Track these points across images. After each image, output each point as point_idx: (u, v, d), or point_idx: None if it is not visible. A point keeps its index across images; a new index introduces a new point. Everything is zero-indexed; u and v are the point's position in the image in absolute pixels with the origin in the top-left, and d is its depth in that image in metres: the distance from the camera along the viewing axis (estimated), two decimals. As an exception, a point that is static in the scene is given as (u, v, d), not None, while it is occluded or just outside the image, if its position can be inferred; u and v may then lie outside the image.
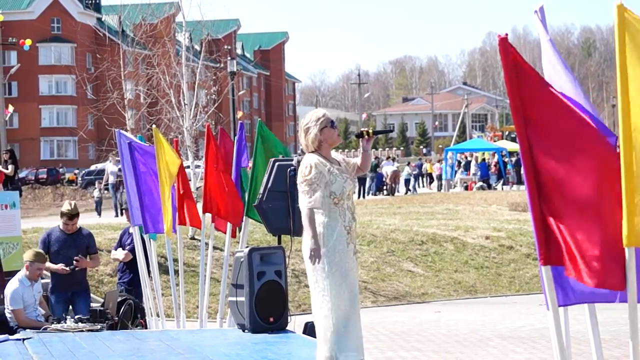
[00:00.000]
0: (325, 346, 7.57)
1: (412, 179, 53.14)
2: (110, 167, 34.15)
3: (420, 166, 59.77)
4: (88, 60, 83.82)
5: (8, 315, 11.70)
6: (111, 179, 33.15)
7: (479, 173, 52.03)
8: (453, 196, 43.15)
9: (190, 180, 19.01)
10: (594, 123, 5.43)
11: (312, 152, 7.67)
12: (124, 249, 13.70)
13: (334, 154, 7.83)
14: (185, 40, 27.51)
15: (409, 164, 59.45)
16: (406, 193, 50.79)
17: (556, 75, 5.75)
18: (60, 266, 12.49)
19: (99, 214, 36.76)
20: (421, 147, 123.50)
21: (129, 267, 13.55)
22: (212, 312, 15.91)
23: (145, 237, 12.75)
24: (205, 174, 12.06)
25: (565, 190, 5.31)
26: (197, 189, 22.30)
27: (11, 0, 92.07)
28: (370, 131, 7.78)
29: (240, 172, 12.18)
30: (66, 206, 12.86)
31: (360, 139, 7.77)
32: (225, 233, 12.35)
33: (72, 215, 12.70)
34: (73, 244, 12.65)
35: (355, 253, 7.69)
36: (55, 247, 12.66)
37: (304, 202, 7.50)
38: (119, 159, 28.09)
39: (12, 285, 11.79)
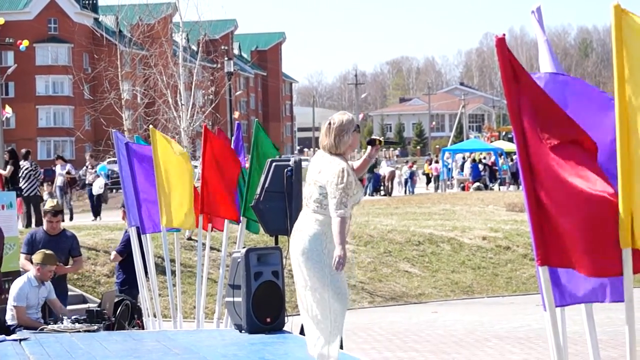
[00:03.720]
0: (328, 346, 7.58)
1: (409, 179, 53.15)
2: (58, 169, 32.59)
3: (431, 161, 60.09)
4: (85, 60, 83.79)
5: (10, 312, 11.68)
6: (59, 181, 31.80)
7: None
8: (450, 197, 43.17)
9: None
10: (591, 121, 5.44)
11: (337, 154, 7.62)
12: None
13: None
14: (183, 40, 27.51)
15: (407, 162, 59.51)
16: (406, 193, 50.79)
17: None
18: None
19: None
20: (396, 150, 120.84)
21: (122, 267, 13.55)
22: (209, 312, 15.92)
23: (143, 237, 12.72)
24: (202, 175, 12.05)
25: (562, 191, 5.31)
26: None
27: (8, 1, 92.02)
28: (382, 140, 7.80)
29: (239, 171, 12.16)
30: (49, 203, 12.96)
31: (372, 145, 7.78)
32: (222, 230, 12.35)
33: (56, 211, 12.70)
34: (57, 246, 12.52)
35: None
36: (39, 249, 12.61)
37: (339, 210, 7.36)
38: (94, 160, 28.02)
39: (19, 281, 11.79)
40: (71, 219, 29.02)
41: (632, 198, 5.08)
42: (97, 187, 30.18)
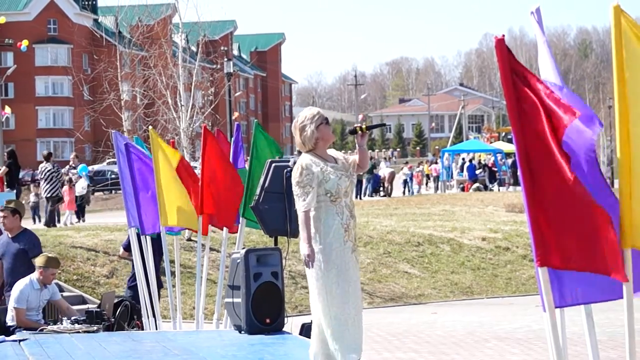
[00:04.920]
0: (321, 344, 7.59)
1: (409, 180, 53.13)
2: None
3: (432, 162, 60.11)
4: (84, 61, 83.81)
5: (10, 313, 11.66)
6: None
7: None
8: (449, 197, 43.18)
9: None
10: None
11: (308, 151, 7.67)
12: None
13: (332, 152, 7.81)
14: (182, 41, 27.50)
15: (406, 163, 59.49)
16: (404, 194, 50.73)
17: (551, 78, 5.75)
18: None
19: (36, 220, 32.70)
20: (390, 150, 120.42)
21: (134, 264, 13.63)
22: (208, 313, 15.92)
23: (143, 238, 12.71)
24: (201, 175, 12.05)
25: (561, 191, 5.31)
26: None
27: (8, 2, 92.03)
28: (364, 127, 7.74)
29: (237, 173, 12.16)
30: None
31: (355, 135, 7.76)
32: (221, 229, 12.34)
33: (4, 207, 12.52)
34: (12, 248, 12.31)
35: (354, 251, 7.65)
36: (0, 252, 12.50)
37: (298, 205, 7.54)
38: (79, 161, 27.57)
39: (21, 284, 11.75)
40: (59, 221, 28.82)
41: (632, 199, 5.07)
42: (80, 188, 29.89)
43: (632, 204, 5.07)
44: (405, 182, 52.52)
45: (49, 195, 26.23)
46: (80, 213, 30.09)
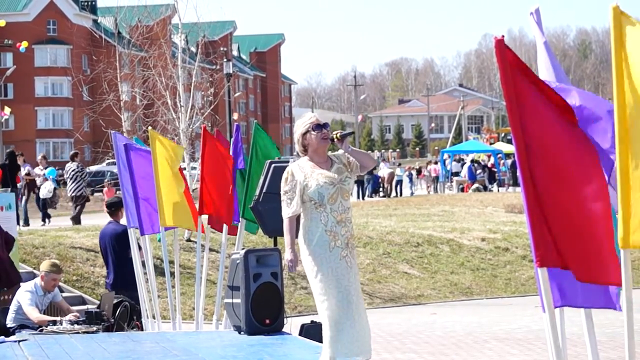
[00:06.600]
0: (324, 347, 7.62)
1: (408, 180, 53.06)
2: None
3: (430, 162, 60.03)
4: (84, 62, 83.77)
5: (12, 314, 11.64)
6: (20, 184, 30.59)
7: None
8: (449, 198, 43.16)
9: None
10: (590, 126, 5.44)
11: (305, 156, 7.73)
12: None
13: (335, 154, 7.81)
14: (181, 42, 27.50)
15: (399, 165, 59.46)
16: (400, 195, 50.65)
17: (550, 78, 5.76)
18: None
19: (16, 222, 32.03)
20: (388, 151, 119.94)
21: (115, 267, 13.60)
22: (208, 314, 15.91)
23: (142, 238, 12.71)
24: (201, 176, 12.05)
25: (560, 192, 5.31)
26: (193, 190, 22.27)
27: (7, 2, 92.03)
28: (337, 135, 7.77)
29: (236, 174, 12.16)
30: None
31: (336, 143, 7.82)
32: (221, 231, 12.35)
33: None
34: None
35: (345, 257, 7.62)
36: None
37: (283, 211, 7.63)
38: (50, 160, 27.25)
39: (25, 288, 11.74)
40: (26, 223, 28.16)
41: (631, 199, 5.07)
42: (46, 191, 29.20)
43: (630, 204, 5.07)
44: (399, 183, 52.20)
45: (75, 194, 26.79)
46: (45, 216, 29.29)
